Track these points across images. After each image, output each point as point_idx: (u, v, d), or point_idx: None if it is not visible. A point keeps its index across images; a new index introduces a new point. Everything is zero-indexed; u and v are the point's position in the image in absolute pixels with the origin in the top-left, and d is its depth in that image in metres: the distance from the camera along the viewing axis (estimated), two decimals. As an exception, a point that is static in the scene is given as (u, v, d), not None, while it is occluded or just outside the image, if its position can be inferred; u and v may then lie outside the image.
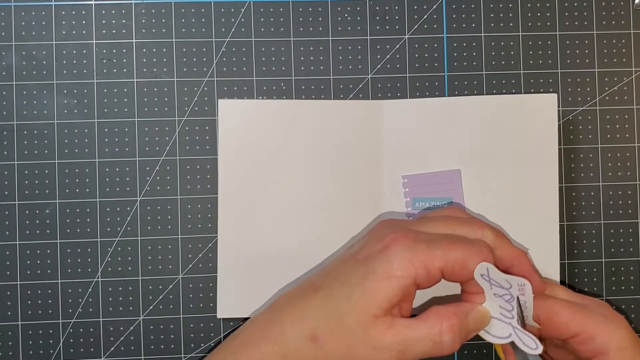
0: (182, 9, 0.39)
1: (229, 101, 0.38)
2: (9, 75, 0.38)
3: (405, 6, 0.39)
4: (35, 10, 0.38)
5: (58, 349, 0.38)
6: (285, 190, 0.38)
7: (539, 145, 0.38)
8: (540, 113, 0.38)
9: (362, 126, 0.38)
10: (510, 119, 0.38)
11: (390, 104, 0.38)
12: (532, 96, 0.39)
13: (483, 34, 0.39)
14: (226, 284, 0.38)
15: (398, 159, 0.38)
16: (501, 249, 0.32)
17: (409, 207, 0.38)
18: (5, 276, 0.38)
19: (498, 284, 0.30)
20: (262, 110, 0.38)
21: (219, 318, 0.38)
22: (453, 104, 0.38)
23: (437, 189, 0.38)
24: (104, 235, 0.38)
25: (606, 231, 0.39)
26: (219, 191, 0.38)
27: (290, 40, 0.39)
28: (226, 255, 0.38)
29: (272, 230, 0.38)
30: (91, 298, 0.38)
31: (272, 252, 0.38)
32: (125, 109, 0.38)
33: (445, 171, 0.38)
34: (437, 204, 0.38)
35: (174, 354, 0.38)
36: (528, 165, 0.38)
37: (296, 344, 0.30)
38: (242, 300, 0.38)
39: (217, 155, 0.38)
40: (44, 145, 0.38)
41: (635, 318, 0.39)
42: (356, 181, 0.38)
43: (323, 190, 0.38)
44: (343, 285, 0.30)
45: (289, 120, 0.38)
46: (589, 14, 0.39)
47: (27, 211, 0.38)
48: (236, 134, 0.38)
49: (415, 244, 0.30)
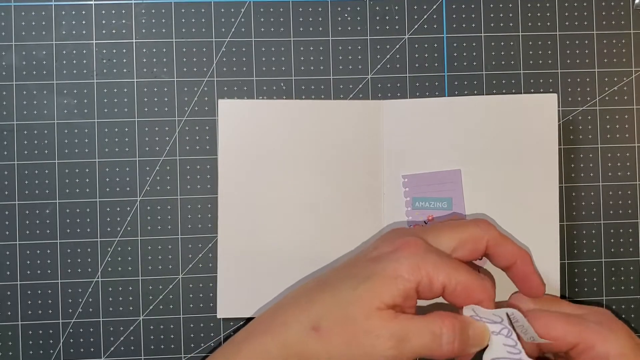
0: (182, 9, 0.39)
1: (229, 101, 0.38)
2: (9, 75, 0.38)
3: (405, 6, 0.39)
4: (35, 10, 0.38)
5: (58, 349, 0.38)
6: (285, 190, 0.38)
7: (539, 145, 0.38)
8: (541, 113, 0.38)
9: (362, 126, 0.38)
10: (510, 119, 0.38)
11: (390, 104, 0.38)
12: (532, 96, 0.39)
13: (483, 34, 0.39)
14: (226, 283, 0.38)
15: (398, 159, 0.38)
16: (504, 247, 0.32)
17: (408, 206, 0.38)
18: (5, 276, 0.38)
19: (490, 320, 0.31)
20: (262, 110, 0.38)
21: (219, 318, 0.38)
22: (453, 104, 0.38)
23: (437, 188, 0.38)
24: (104, 235, 0.38)
25: (606, 231, 0.39)
26: (219, 191, 0.38)
27: (290, 40, 0.39)
28: (226, 255, 0.38)
29: (272, 229, 0.38)
30: (91, 298, 0.38)
31: (272, 251, 0.38)
32: (125, 109, 0.38)
33: (446, 171, 0.38)
34: (437, 204, 0.38)
35: (174, 354, 0.38)
36: (528, 165, 0.38)
37: (298, 334, 0.30)
38: (242, 300, 0.38)
39: (217, 155, 0.38)
40: (44, 145, 0.38)
41: (635, 318, 0.39)
42: (356, 181, 0.38)
43: (323, 190, 0.38)
44: (351, 279, 0.31)
45: (289, 120, 0.38)
46: (589, 14, 0.39)
47: (27, 211, 0.38)
48: (236, 134, 0.38)
49: (425, 254, 0.30)
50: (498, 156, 0.38)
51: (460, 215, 0.38)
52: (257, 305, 0.38)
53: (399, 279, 0.30)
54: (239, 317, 0.38)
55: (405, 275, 0.30)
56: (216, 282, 0.38)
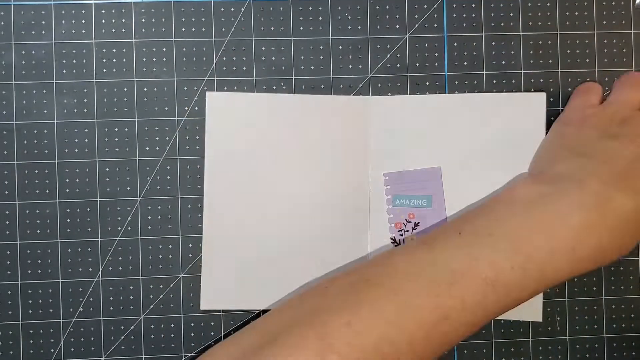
0: (182, 8, 0.39)
1: (216, 94, 0.38)
2: (9, 75, 0.38)
3: (405, 5, 0.39)
4: (35, 10, 0.38)
5: (58, 348, 0.38)
6: (272, 185, 0.38)
7: (526, 143, 0.38)
8: (528, 112, 0.38)
9: (349, 122, 0.38)
10: (496, 117, 0.38)
11: (377, 100, 0.39)
12: (520, 95, 0.38)
13: (483, 34, 0.39)
14: (210, 276, 0.38)
15: (382, 156, 0.38)
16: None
17: (390, 204, 0.38)
18: (5, 276, 0.38)
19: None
20: (249, 103, 0.38)
21: (202, 309, 0.38)
22: (441, 101, 0.38)
23: (417, 186, 0.38)
24: (104, 235, 0.38)
25: (606, 231, 0.39)
26: (204, 186, 0.38)
27: (290, 39, 0.39)
28: (210, 248, 0.38)
29: (258, 224, 0.38)
30: (92, 297, 0.38)
31: (257, 246, 0.38)
32: (125, 109, 0.38)
33: (426, 169, 0.38)
34: (417, 202, 0.38)
35: (174, 354, 0.38)
36: (514, 164, 0.37)
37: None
38: (226, 292, 0.38)
39: (205, 147, 0.38)
40: (44, 145, 0.38)
41: (635, 318, 0.39)
42: (343, 178, 0.38)
43: (310, 186, 0.38)
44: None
45: (276, 113, 0.38)
46: (589, 14, 0.39)
47: (27, 211, 0.38)
48: (223, 127, 0.38)
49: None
50: (483, 154, 0.38)
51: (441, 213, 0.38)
52: (242, 299, 0.38)
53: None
54: (223, 309, 0.38)
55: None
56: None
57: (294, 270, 0.38)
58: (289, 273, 0.38)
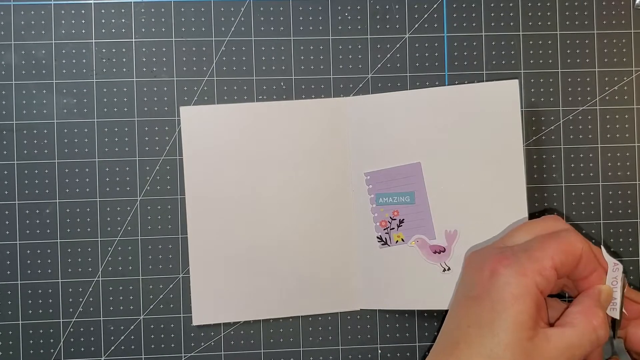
0: (182, 8, 0.39)
1: (189, 107, 0.38)
2: (9, 75, 0.38)
3: (405, 5, 0.39)
4: (35, 10, 0.38)
5: (58, 348, 0.38)
6: (255, 192, 0.38)
7: (503, 133, 0.37)
8: (503, 100, 0.37)
9: (327, 124, 0.38)
10: (472, 108, 0.37)
11: (353, 101, 0.38)
12: (493, 84, 0.38)
13: (483, 33, 0.39)
14: (199, 290, 0.38)
15: (362, 156, 0.38)
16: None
17: (373, 203, 0.38)
18: (5, 276, 0.38)
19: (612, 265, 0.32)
20: (224, 114, 0.38)
21: (193, 326, 0.38)
22: (415, 96, 0.38)
23: (398, 183, 0.38)
24: (104, 235, 0.38)
25: (606, 231, 0.39)
26: (186, 196, 0.38)
27: (290, 39, 0.39)
28: (197, 261, 0.38)
29: (242, 232, 0.38)
30: (91, 297, 0.38)
31: (243, 255, 0.38)
32: (125, 109, 0.38)
33: (406, 165, 0.38)
34: (400, 198, 0.38)
35: (174, 354, 0.38)
36: (492, 154, 0.37)
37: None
38: (217, 306, 0.38)
39: (183, 159, 0.38)
40: (44, 145, 0.38)
41: (634, 318, 0.39)
42: (325, 180, 0.38)
43: (292, 190, 0.38)
44: (481, 333, 0.29)
45: (253, 123, 0.38)
46: (589, 14, 0.39)
47: (27, 211, 0.38)
48: (200, 139, 0.38)
49: (517, 258, 0.30)
50: (461, 147, 0.37)
51: (425, 207, 0.38)
52: (233, 310, 0.38)
53: (520, 298, 0.29)
54: (215, 323, 0.38)
55: (522, 290, 0.29)
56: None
57: (283, 278, 0.38)
58: (277, 281, 0.38)
